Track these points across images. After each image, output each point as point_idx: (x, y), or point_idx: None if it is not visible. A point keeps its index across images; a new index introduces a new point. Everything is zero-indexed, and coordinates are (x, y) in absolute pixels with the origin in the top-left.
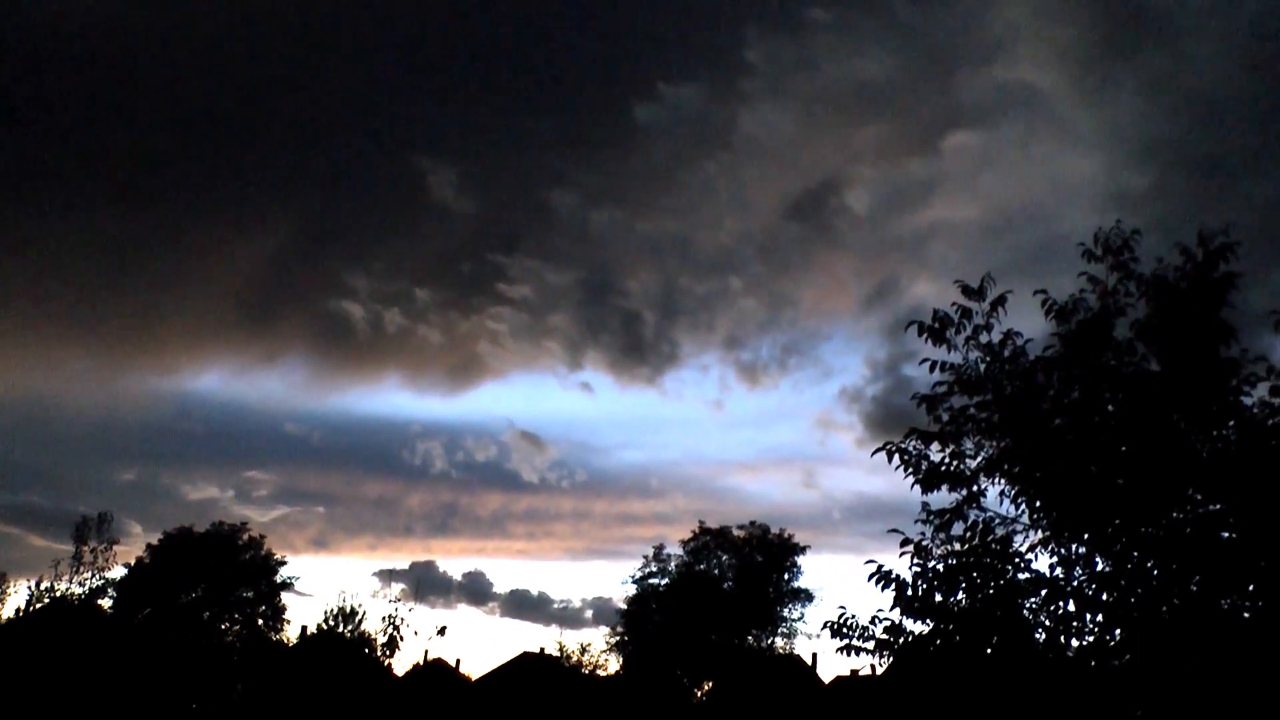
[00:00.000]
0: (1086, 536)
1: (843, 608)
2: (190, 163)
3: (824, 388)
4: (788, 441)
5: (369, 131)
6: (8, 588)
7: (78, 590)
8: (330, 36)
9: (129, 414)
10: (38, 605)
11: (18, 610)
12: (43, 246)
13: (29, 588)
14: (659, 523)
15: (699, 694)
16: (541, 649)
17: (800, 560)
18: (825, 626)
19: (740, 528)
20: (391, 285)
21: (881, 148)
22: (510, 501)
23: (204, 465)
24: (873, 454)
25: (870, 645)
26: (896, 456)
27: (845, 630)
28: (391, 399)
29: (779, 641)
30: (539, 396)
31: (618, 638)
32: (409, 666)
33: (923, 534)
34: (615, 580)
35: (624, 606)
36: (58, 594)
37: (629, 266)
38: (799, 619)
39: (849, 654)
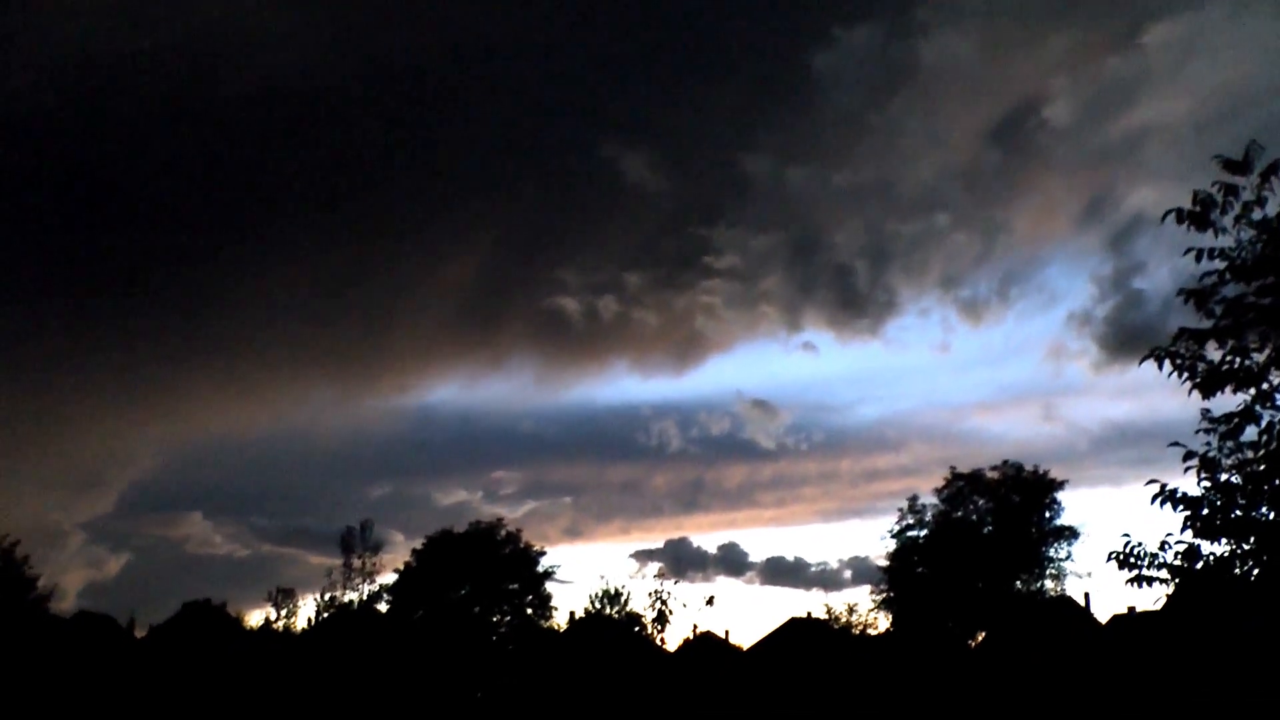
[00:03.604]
0: None
1: (1126, 535)
2: (395, 190)
3: (1051, 315)
4: (1021, 376)
5: (555, 129)
6: (296, 602)
7: (355, 597)
8: (507, 37)
9: (374, 433)
10: (325, 615)
11: (309, 620)
12: (274, 290)
13: (315, 600)
14: (905, 475)
15: (972, 645)
16: (808, 613)
17: (1059, 496)
18: (1111, 558)
19: (993, 469)
20: (601, 275)
21: (1076, 54)
22: (753, 471)
23: (450, 471)
24: (1140, 362)
25: (1164, 574)
26: (1167, 362)
27: (1133, 560)
28: (619, 385)
29: (1048, 584)
30: (763, 363)
31: (882, 595)
32: (679, 642)
33: (1208, 445)
34: (870, 538)
35: (884, 563)
36: (340, 603)
37: (832, 219)
38: (1066, 558)
39: (1140, 585)
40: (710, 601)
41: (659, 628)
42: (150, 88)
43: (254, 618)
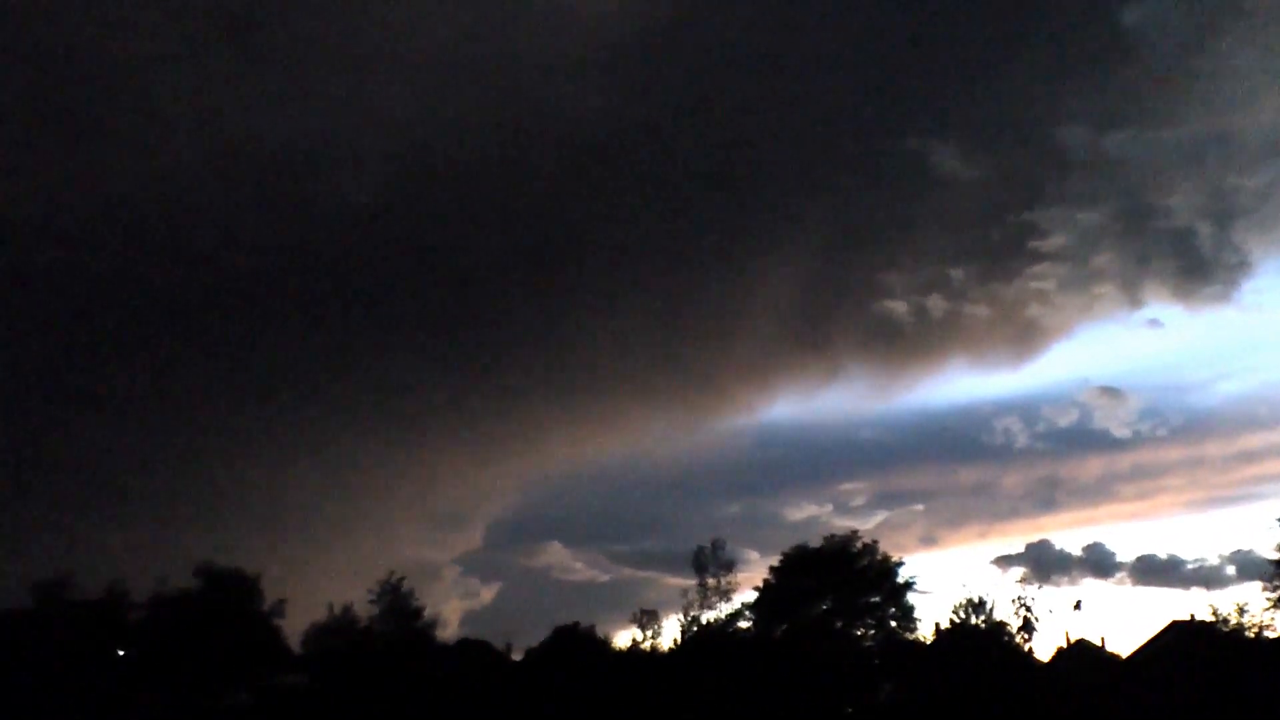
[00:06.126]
0: None
1: None
2: (718, 214)
3: None
4: None
5: (860, 130)
6: (660, 623)
7: (714, 616)
8: (800, 42)
9: (718, 453)
10: (689, 635)
11: (674, 641)
12: (612, 326)
13: (678, 620)
14: None
15: None
16: (1191, 616)
17: None
18: None
19: None
20: (925, 273)
21: None
22: (1109, 463)
23: (796, 486)
24: None
25: None
26: None
27: None
28: (956, 384)
29: None
30: (1106, 345)
31: (1278, 593)
32: (1051, 650)
33: None
34: (1251, 527)
35: (1276, 556)
36: (702, 623)
37: (1164, 182)
38: None
39: None
40: (1078, 606)
41: (1025, 636)
42: (484, 145)
43: (620, 639)
